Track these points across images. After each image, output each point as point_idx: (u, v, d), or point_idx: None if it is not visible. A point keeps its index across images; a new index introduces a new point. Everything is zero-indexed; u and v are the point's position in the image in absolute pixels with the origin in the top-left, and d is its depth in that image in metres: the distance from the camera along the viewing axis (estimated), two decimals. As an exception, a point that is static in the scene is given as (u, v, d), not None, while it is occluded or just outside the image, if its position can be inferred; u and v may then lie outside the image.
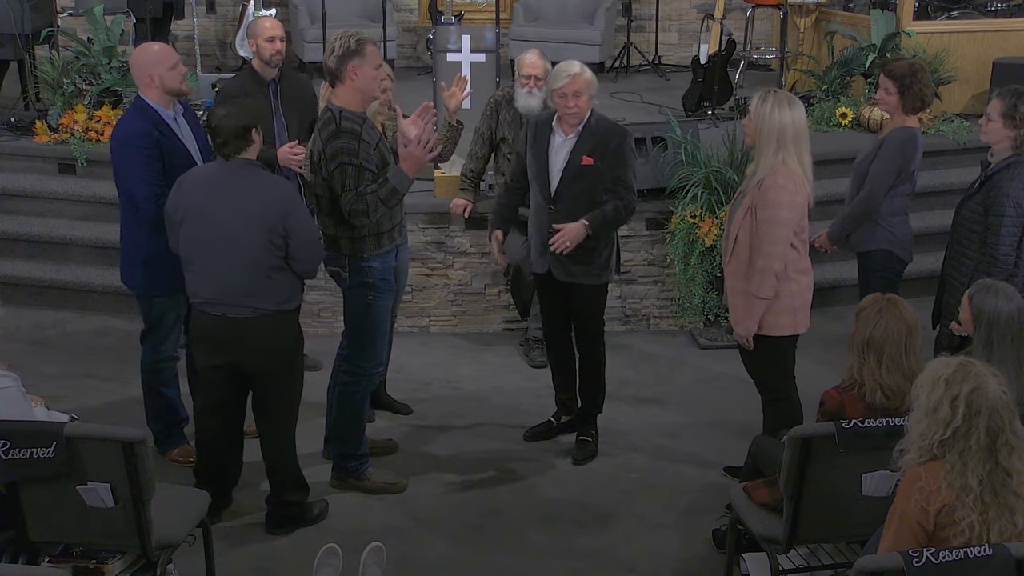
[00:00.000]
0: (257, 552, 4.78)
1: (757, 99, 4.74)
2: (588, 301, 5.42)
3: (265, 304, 4.58)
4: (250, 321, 4.58)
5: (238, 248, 4.51)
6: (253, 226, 4.49)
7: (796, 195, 4.69)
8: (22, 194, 7.64)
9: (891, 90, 5.36)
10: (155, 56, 5.09)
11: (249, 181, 4.56)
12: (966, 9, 9.28)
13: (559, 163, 5.23)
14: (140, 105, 5.07)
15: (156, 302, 5.19)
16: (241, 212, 4.50)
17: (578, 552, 4.83)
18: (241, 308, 4.57)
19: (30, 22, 7.88)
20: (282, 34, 5.87)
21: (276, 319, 4.62)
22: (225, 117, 4.53)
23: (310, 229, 4.65)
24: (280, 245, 4.53)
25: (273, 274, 4.56)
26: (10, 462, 3.80)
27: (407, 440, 5.71)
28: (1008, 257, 4.84)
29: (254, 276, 4.54)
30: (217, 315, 4.60)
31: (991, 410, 3.19)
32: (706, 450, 5.64)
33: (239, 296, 4.55)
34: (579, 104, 5.13)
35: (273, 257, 4.54)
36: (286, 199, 4.57)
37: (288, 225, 4.51)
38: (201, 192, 4.58)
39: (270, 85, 5.76)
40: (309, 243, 4.60)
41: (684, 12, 10.98)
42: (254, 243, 4.50)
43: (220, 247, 4.53)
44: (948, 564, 3.09)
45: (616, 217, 5.25)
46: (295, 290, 4.70)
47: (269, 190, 4.57)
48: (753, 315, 4.79)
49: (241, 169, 4.57)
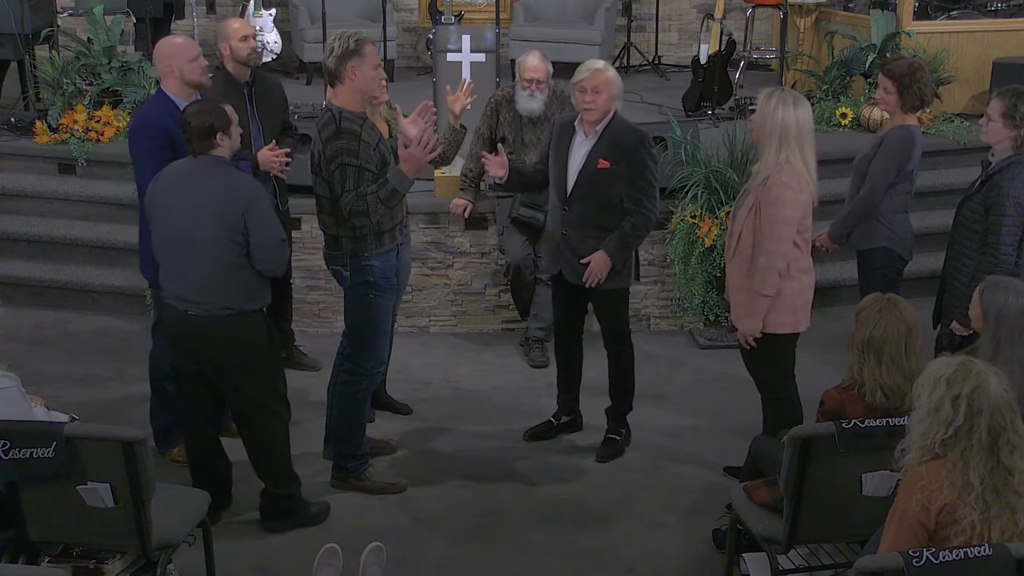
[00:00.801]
0: (257, 552, 4.78)
1: (763, 97, 4.74)
2: (606, 305, 5.41)
3: (226, 302, 4.55)
4: (211, 319, 4.57)
5: (199, 244, 4.50)
6: (214, 223, 4.47)
7: (800, 193, 4.70)
8: (22, 194, 7.64)
9: (890, 89, 5.36)
10: (176, 48, 5.14)
11: (214, 178, 4.53)
12: (966, 9, 9.28)
13: (576, 164, 5.22)
14: (159, 95, 5.15)
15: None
16: (203, 208, 4.48)
17: (578, 552, 4.83)
18: (202, 305, 4.56)
19: (30, 22, 7.89)
20: (254, 32, 5.85)
21: (237, 318, 4.59)
22: (194, 115, 4.53)
23: (272, 229, 4.57)
24: (241, 243, 4.49)
25: (234, 272, 4.53)
26: (10, 462, 3.80)
27: (407, 440, 5.71)
28: (1009, 257, 4.84)
29: (215, 273, 4.52)
30: (180, 310, 4.61)
31: (993, 409, 3.19)
32: (706, 450, 5.64)
33: (200, 293, 4.54)
34: (597, 101, 5.10)
35: (233, 255, 4.50)
36: (247, 197, 4.52)
37: (248, 222, 4.47)
38: (170, 187, 4.59)
39: (244, 88, 5.73)
40: (269, 243, 4.54)
41: (684, 12, 10.97)
42: (214, 240, 4.48)
43: (182, 242, 4.53)
44: (948, 564, 3.08)
45: (634, 235, 5.20)
46: (259, 290, 4.65)
47: (231, 187, 4.53)
48: (756, 313, 4.80)
49: (209, 166, 4.55)
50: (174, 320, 4.66)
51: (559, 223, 5.30)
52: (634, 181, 5.15)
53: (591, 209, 5.20)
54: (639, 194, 5.16)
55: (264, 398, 4.76)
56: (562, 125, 5.34)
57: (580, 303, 5.53)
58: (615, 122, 5.19)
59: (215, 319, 4.57)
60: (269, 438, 4.82)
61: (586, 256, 5.21)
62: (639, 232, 5.23)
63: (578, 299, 5.49)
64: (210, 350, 4.63)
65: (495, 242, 6.94)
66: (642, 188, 5.16)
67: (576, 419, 5.79)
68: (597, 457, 5.56)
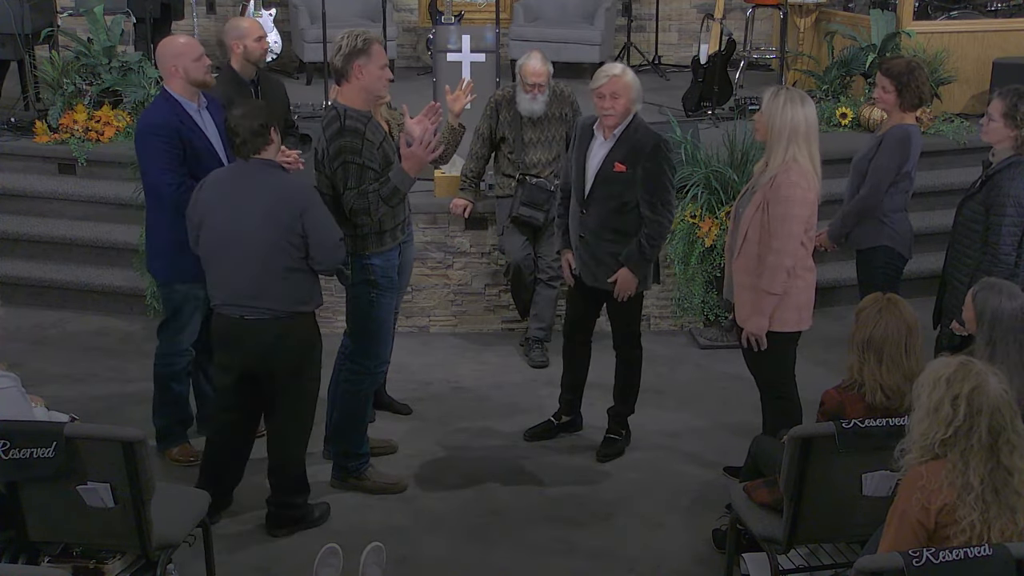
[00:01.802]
0: (257, 552, 4.78)
1: (769, 95, 4.74)
2: (620, 308, 5.40)
3: (279, 305, 4.57)
4: (265, 322, 4.58)
5: (251, 249, 4.51)
6: (266, 226, 4.48)
7: (808, 192, 4.70)
8: (22, 194, 7.64)
9: (888, 88, 5.37)
10: (180, 48, 5.15)
11: (264, 181, 4.55)
12: (966, 9, 9.28)
13: (593, 167, 5.22)
14: (164, 95, 5.16)
15: (176, 289, 5.21)
16: (254, 213, 4.50)
17: (578, 552, 4.83)
18: (255, 310, 4.57)
19: (30, 22, 7.89)
20: (265, 33, 5.88)
21: (291, 321, 4.61)
22: (242, 117, 4.54)
23: (330, 228, 4.58)
24: (298, 244, 4.51)
25: (288, 275, 4.55)
26: (10, 462, 3.80)
27: (407, 440, 5.71)
28: (1009, 257, 4.84)
29: (267, 277, 4.53)
30: (234, 317, 4.61)
31: (992, 409, 3.19)
32: (706, 450, 5.64)
33: (252, 298, 4.55)
34: (615, 106, 5.10)
35: (288, 258, 4.52)
36: (303, 198, 4.55)
37: (306, 224, 4.50)
38: (218, 193, 4.60)
39: (250, 86, 5.75)
40: (329, 242, 4.56)
41: (684, 12, 10.98)
42: (267, 244, 4.49)
43: (234, 248, 4.54)
44: (948, 564, 3.08)
45: (650, 245, 5.18)
46: (312, 291, 4.68)
47: (284, 189, 4.55)
48: (764, 312, 4.79)
49: (258, 170, 4.57)
50: (228, 325, 4.65)
51: (576, 225, 5.30)
52: (649, 186, 5.14)
53: (608, 212, 5.19)
54: (654, 199, 5.15)
55: (308, 401, 4.80)
56: (582, 127, 5.34)
57: (595, 305, 5.53)
58: (633, 125, 5.18)
59: (272, 321, 4.57)
60: (294, 443, 4.83)
61: (602, 257, 5.23)
62: (654, 242, 5.21)
63: (594, 301, 5.49)
64: (265, 352, 4.62)
65: (495, 242, 6.94)
66: (657, 194, 5.15)
67: (576, 419, 5.79)
68: (597, 457, 5.56)
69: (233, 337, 4.66)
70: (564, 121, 6.47)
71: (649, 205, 5.15)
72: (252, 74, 5.74)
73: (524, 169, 6.51)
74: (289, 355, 4.66)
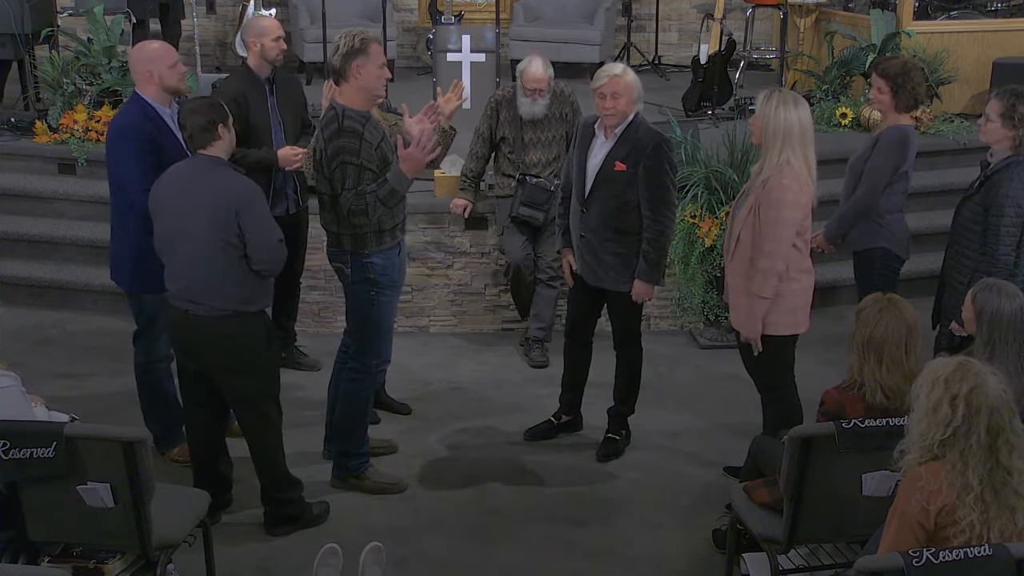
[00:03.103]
0: (257, 552, 4.78)
1: (763, 98, 4.74)
2: (621, 307, 5.40)
3: (222, 303, 4.54)
4: (208, 319, 4.57)
5: (195, 244, 4.50)
6: (208, 223, 4.47)
7: (800, 195, 4.70)
8: (22, 194, 7.64)
9: (884, 89, 5.36)
10: (155, 53, 5.11)
11: (209, 178, 4.53)
12: (966, 9, 9.29)
13: (594, 166, 5.21)
14: (136, 100, 5.09)
15: (146, 300, 5.16)
16: (199, 209, 4.48)
17: (578, 552, 4.83)
18: (200, 305, 4.56)
19: (30, 22, 7.89)
20: (284, 33, 5.89)
21: (235, 319, 4.58)
22: (191, 112, 4.53)
23: (267, 229, 4.55)
24: (236, 244, 4.49)
25: (230, 273, 4.52)
26: (10, 462, 3.80)
27: (407, 440, 5.71)
28: (1008, 257, 4.84)
29: (210, 274, 4.51)
30: (182, 310, 4.61)
31: (991, 409, 3.19)
32: (706, 450, 5.64)
33: (197, 293, 4.55)
34: (617, 106, 5.10)
35: (228, 256, 4.50)
36: (241, 197, 4.49)
37: (243, 223, 4.46)
38: (169, 187, 4.60)
39: (266, 84, 5.77)
40: (265, 243, 4.53)
41: (684, 12, 10.98)
42: (211, 240, 4.47)
43: (181, 242, 4.54)
44: (948, 564, 3.09)
45: (655, 249, 5.18)
46: (257, 292, 4.63)
47: (225, 188, 4.51)
48: (756, 315, 4.79)
49: (205, 166, 4.55)
50: (176, 319, 4.66)
51: (577, 225, 5.30)
52: (650, 185, 5.13)
53: (608, 211, 5.19)
54: (654, 199, 5.14)
55: (257, 401, 4.75)
56: (583, 127, 5.34)
57: (596, 305, 5.53)
58: (635, 125, 5.17)
59: (214, 319, 4.56)
60: (261, 441, 4.81)
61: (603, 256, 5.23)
62: (658, 245, 5.20)
63: (594, 301, 5.49)
64: (208, 350, 4.63)
65: (495, 242, 6.94)
66: (658, 193, 5.14)
67: (576, 419, 5.79)
68: (597, 457, 5.57)
69: (180, 331, 4.67)
70: (564, 121, 6.47)
71: (649, 205, 5.15)
72: (267, 72, 5.75)
73: (524, 169, 6.51)
74: (232, 353, 4.62)
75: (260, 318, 4.71)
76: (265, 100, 5.75)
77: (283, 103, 5.84)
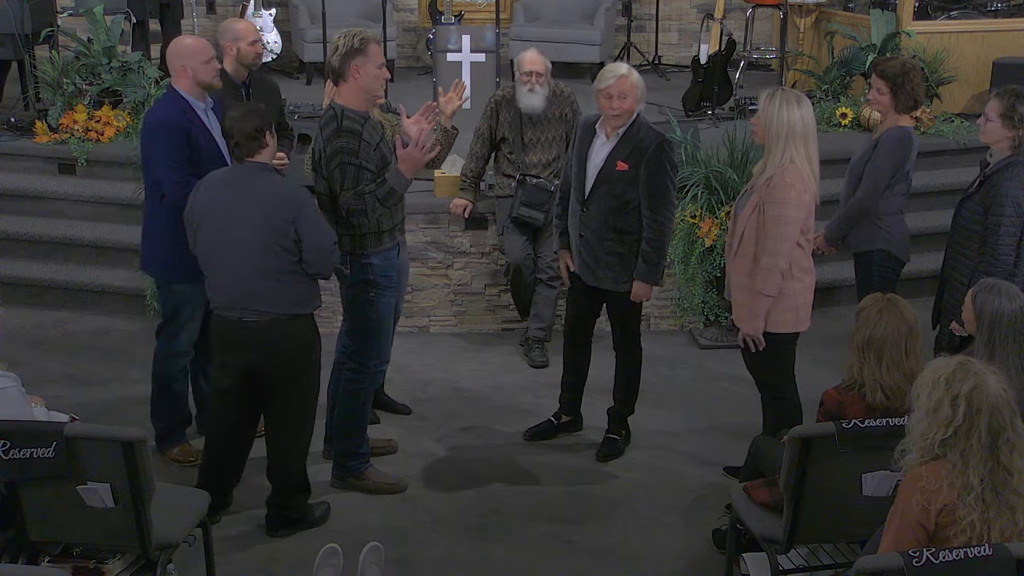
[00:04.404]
0: (257, 552, 4.78)
1: (765, 97, 4.74)
2: (620, 307, 5.40)
3: (275, 308, 4.57)
4: (262, 324, 4.58)
5: (245, 251, 4.51)
6: (259, 229, 4.49)
7: (804, 194, 4.71)
8: (22, 194, 7.63)
9: (883, 90, 5.36)
10: (189, 49, 5.15)
11: (258, 184, 4.55)
12: (966, 9, 9.28)
13: (595, 166, 5.21)
14: (172, 93, 5.16)
15: (175, 289, 5.21)
16: (248, 215, 4.50)
17: (578, 552, 4.83)
18: (252, 312, 4.57)
19: (30, 22, 7.89)
20: (260, 36, 5.88)
21: (288, 323, 4.60)
22: (238, 119, 4.55)
23: (323, 232, 4.59)
24: (291, 249, 4.52)
25: (283, 278, 4.55)
26: (10, 462, 3.80)
27: (407, 440, 5.71)
28: (1008, 257, 4.84)
29: (263, 280, 4.53)
30: (232, 319, 4.62)
31: (992, 408, 3.19)
32: (706, 450, 5.64)
33: (249, 300, 4.56)
34: (623, 106, 5.09)
35: (282, 261, 4.52)
36: (295, 202, 4.54)
37: (299, 228, 4.50)
38: (214, 195, 4.61)
39: (242, 88, 5.75)
40: (321, 246, 4.57)
41: (684, 12, 10.97)
42: (261, 246, 4.50)
43: (229, 250, 4.54)
44: (948, 564, 3.09)
45: (654, 250, 5.18)
46: (310, 294, 4.68)
47: (280, 193, 4.55)
48: (758, 313, 4.80)
49: (252, 172, 4.58)
50: (226, 327, 4.65)
51: (577, 224, 5.30)
52: (651, 185, 5.13)
53: (609, 211, 5.19)
54: (655, 199, 5.14)
55: (303, 404, 4.79)
56: (584, 126, 5.34)
57: (595, 305, 5.53)
58: (636, 125, 5.17)
59: (270, 323, 4.58)
60: (294, 445, 4.82)
61: (602, 256, 5.23)
62: (657, 245, 5.20)
63: (594, 301, 5.49)
64: (266, 355, 4.63)
65: (495, 242, 6.94)
66: (658, 193, 5.14)
67: (576, 419, 5.79)
68: (597, 457, 5.56)
69: (231, 339, 4.66)
70: (564, 121, 6.47)
71: (650, 205, 5.15)
72: (244, 76, 5.75)
73: (524, 169, 6.51)
74: (287, 357, 4.66)
75: (311, 320, 4.74)
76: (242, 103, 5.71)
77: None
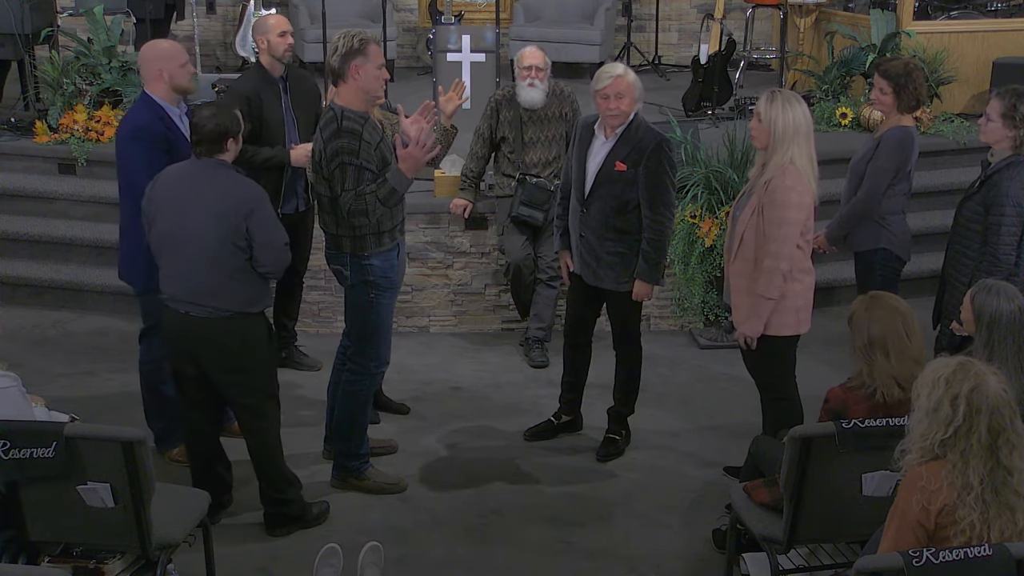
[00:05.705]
0: (257, 552, 4.78)
1: (764, 100, 4.74)
2: (620, 306, 5.40)
3: (226, 304, 4.55)
4: (211, 321, 4.57)
5: (200, 247, 4.50)
6: (214, 226, 4.46)
7: (804, 195, 4.71)
8: (22, 194, 7.63)
9: (886, 90, 5.36)
10: (166, 52, 5.12)
11: (215, 181, 4.52)
12: (966, 9, 9.28)
13: (594, 166, 5.21)
14: (146, 99, 5.11)
15: (155, 299, 5.15)
16: (204, 211, 4.48)
17: (578, 552, 4.83)
18: (202, 307, 4.56)
19: (30, 22, 7.89)
20: (291, 28, 5.89)
21: (237, 320, 4.58)
22: (207, 119, 4.51)
23: (275, 232, 4.57)
24: (243, 247, 4.50)
25: (236, 275, 4.53)
26: (10, 462, 3.80)
27: (407, 440, 5.71)
28: (1008, 257, 4.84)
29: (215, 276, 4.51)
30: (181, 312, 4.61)
31: (992, 408, 3.19)
32: (706, 450, 5.64)
33: (200, 295, 4.54)
34: (620, 106, 5.10)
35: (235, 258, 4.50)
36: (249, 201, 4.51)
37: (251, 227, 4.47)
38: (170, 189, 4.59)
39: (279, 82, 5.77)
40: (271, 248, 4.54)
41: (684, 12, 10.98)
42: (215, 243, 4.47)
43: (183, 245, 4.53)
44: (948, 564, 3.09)
45: (654, 249, 5.19)
46: (260, 293, 4.66)
47: (233, 191, 4.52)
48: (760, 315, 4.79)
49: (210, 168, 4.55)
50: (173, 321, 4.66)
51: (577, 224, 5.30)
52: (650, 185, 5.13)
53: (608, 211, 5.19)
54: (654, 199, 5.14)
55: (257, 401, 4.76)
56: (583, 127, 5.35)
57: (595, 305, 5.53)
58: (635, 125, 5.17)
59: (216, 320, 4.57)
60: (261, 440, 4.81)
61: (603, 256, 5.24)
62: (657, 245, 5.20)
63: (594, 301, 5.49)
64: (210, 351, 4.63)
65: (495, 242, 6.94)
66: (658, 193, 5.14)
67: (576, 419, 5.79)
68: (597, 457, 5.56)
69: (179, 333, 4.66)
70: (564, 121, 6.47)
71: (649, 204, 5.15)
72: (280, 71, 5.76)
73: (524, 169, 6.51)
74: (233, 354, 4.63)
75: (261, 318, 4.72)
76: (279, 98, 5.77)
77: (297, 101, 5.86)
